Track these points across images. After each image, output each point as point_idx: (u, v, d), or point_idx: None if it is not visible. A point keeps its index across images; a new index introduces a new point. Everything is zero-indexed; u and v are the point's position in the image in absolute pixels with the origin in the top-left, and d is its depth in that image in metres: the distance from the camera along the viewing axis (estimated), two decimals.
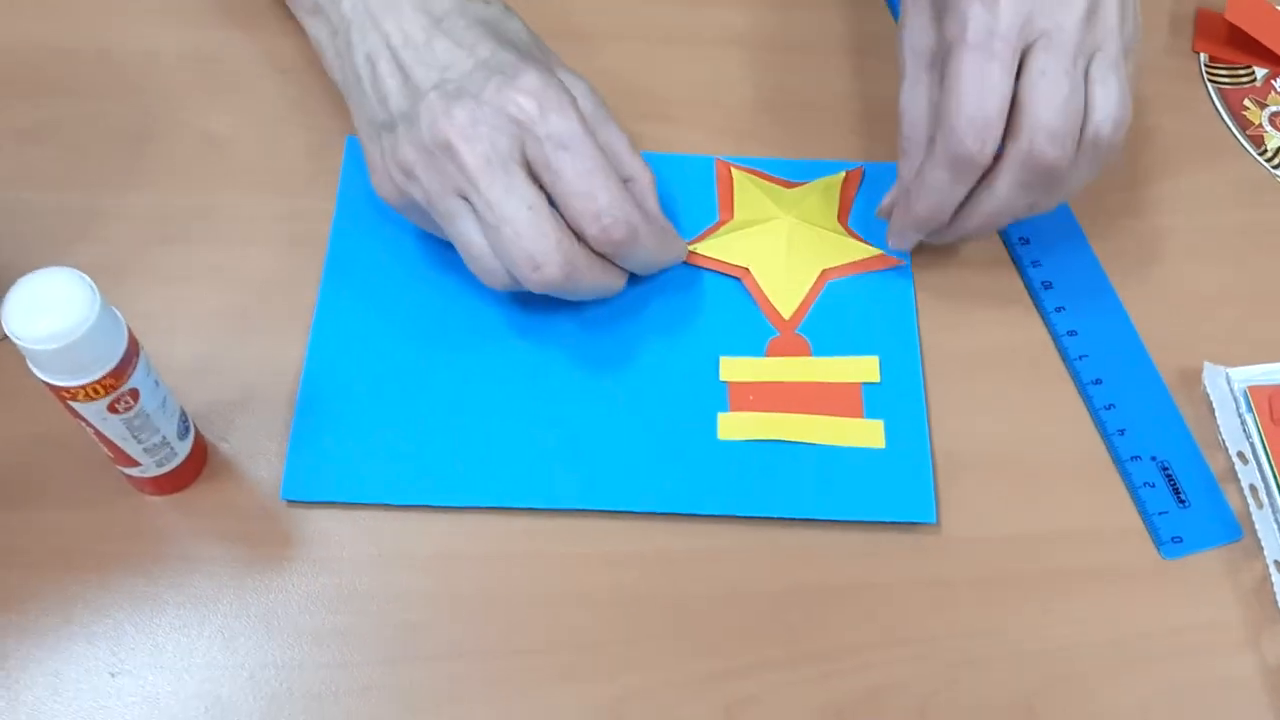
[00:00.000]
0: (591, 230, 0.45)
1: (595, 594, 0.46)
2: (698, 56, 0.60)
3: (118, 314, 0.39)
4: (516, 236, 0.45)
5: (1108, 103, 0.46)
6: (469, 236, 0.46)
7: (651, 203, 0.49)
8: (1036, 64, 0.45)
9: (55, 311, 0.37)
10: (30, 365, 0.39)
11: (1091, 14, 0.46)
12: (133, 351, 0.40)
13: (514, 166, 0.45)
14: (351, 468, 0.47)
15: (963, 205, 0.49)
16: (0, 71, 0.56)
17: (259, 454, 0.48)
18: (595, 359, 0.50)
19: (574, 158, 0.44)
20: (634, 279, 0.50)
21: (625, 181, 0.48)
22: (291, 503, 0.47)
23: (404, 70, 0.47)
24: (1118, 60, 0.46)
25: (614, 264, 0.48)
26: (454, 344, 0.50)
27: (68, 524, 0.46)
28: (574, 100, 0.46)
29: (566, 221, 0.45)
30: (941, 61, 0.48)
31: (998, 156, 0.47)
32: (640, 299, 0.52)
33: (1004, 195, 0.48)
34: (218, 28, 0.58)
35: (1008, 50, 0.45)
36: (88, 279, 0.38)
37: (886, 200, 0.53)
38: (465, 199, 0.46)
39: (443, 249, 0.51)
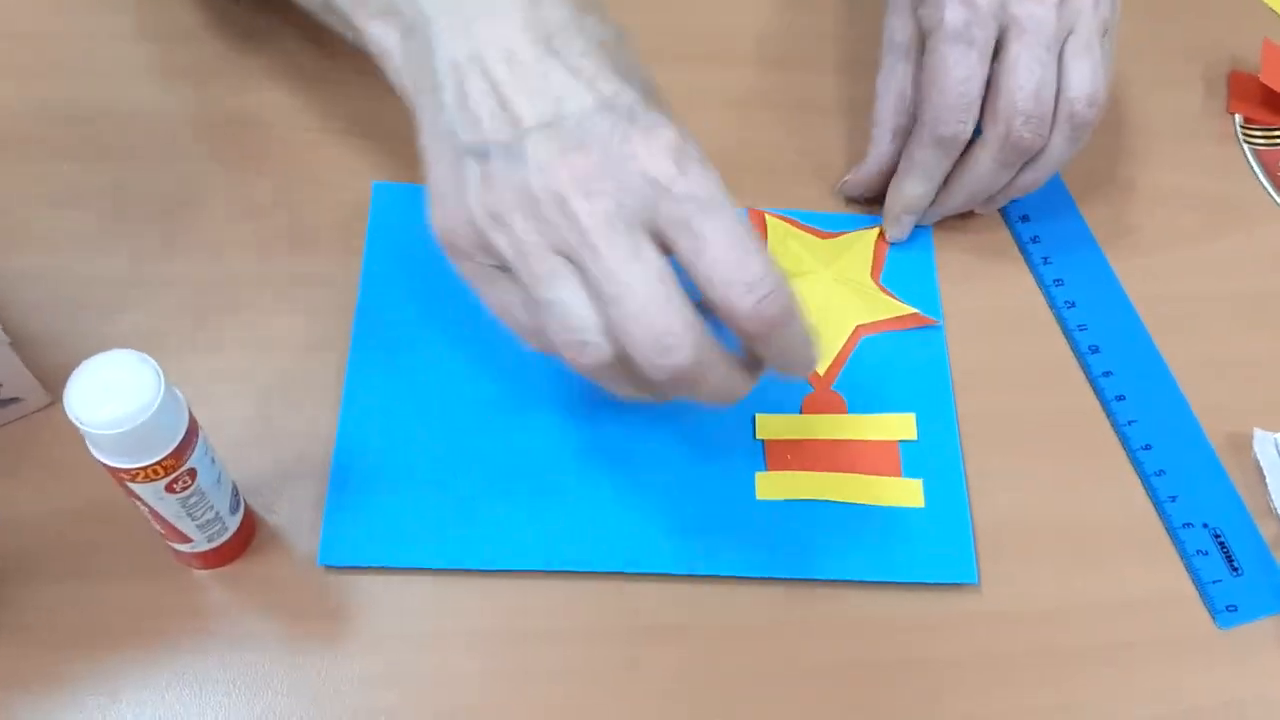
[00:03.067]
0: (744, 304, 0.38)
1: (642, 668, 0.46)
2: (726, 116, 0.60)
3: (179, 394, 0.39)
4: (642, 312, 0.37)
5: (1081, 81, 0.50)
6: (568, 305, 0.38)
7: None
8: (1011, 50, 0.49)
9: (120, 396, 0.36)
10: (90, 447, 0.38)
11: (1063, 0, 0.49)
12: (192, 432, 0.39)
13: (639, 233, 0.38)
14: (388, 532, 0.47)
15: (946, 184, 0.54)
16: (35, 135, 0.55)
17: (304, 523, 0.47)
18: (631, 419, 0.50)
19: (721, 222, 0.38)
20: None
21: None
22: (331, 569, 0.46)
23: (500, 94, 0.39)
24: (1091, 40, 0.50)
25: (746, 362, 0.42)
26: (486, 404, 0.50)
27: (114, 598, 0.45)
28: (711, 165, 0.40)
29: (706, 295, 0.38)
30: (919, 51, 0.52)
31: (980, 138, 0.51)
32: None
33: (983, 173, 0.52)
34: (251, 90, 0.58)
35: (983, 37, 0.49)
36: (152, 361, 0.37)
37: (849, 176, 0.56)
38: (570, 260, 0.39)
39: (474, 304, 0.51)
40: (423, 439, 0.49)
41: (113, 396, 0.36)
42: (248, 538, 0.46)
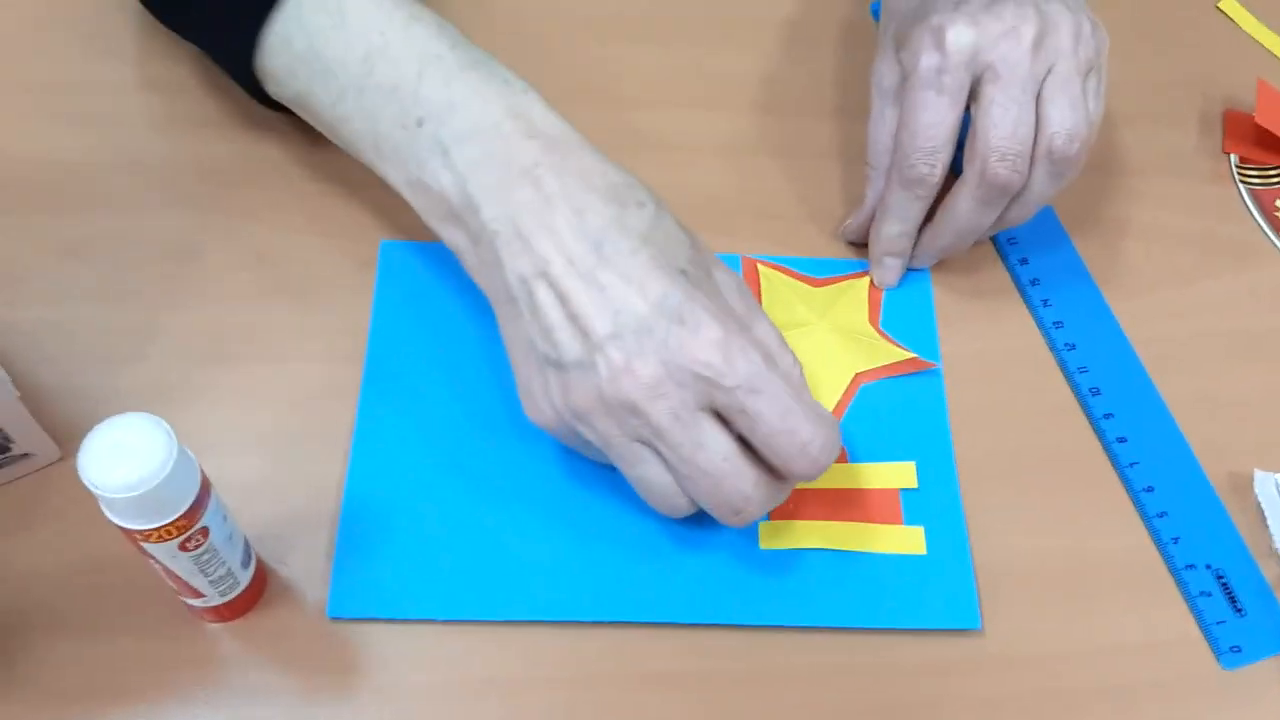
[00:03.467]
0: (800, 466, 0.44)
1: (649, 716, 0.46)
2: (722, 162, 0.61)
3: (191, 455, 0.39)
4: (715, 489, 0.44)
5: (1060, 118, 0.51)
6: (654, 479, 0.45)
7: (808, 395, 0.47)
8: (985, 94, 0.51)
9: (132, 460, 0.37)
10: (104, 509, 0.38)
11: (1039, 43, 0.50)
12: (205, 491, 0.40)
13: (703, 419, 0.44)
14: (397, 583, 0.47)
15: (929, 224, 0.55)
16: (39, 186, 0.56)
17: (314, 574, 0.48)
18: None
19: (769, 400, 0.43)
20: None
21: None
22: (341, 620, 0.47)
23: (569, 309, 0.44)
24: (1070, 79, 0.51)
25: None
26: (494, 457, 0.50)
27: (126, 652, 0.46)
28: (754, 339, 0.45)
29: (766, 459, 0.45)
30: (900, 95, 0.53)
31: (960, 178, 0.53)
32: None
33: (965, 212, 0.53)
34: (256, 143, 0.58)
35: (954, 84, 0.51)
36: (164, 424, 0.38)
37: (850, 220, 0.58)
38: (649, 445, 0.45)
39: (482, 359, 0.52)
40: (431, 490, 0.49)
41: (126, 460, 0.37)
42: (259, 590, 0.47)
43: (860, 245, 0.58)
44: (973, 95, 0.52)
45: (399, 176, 0.49)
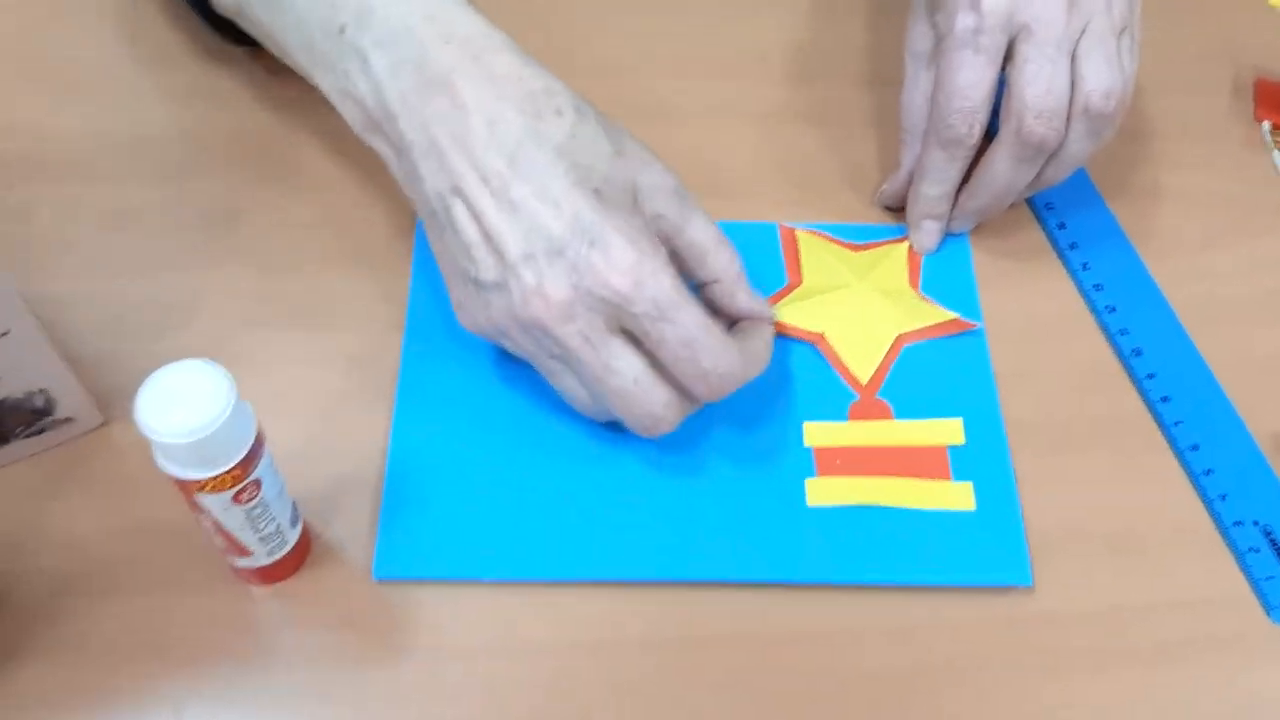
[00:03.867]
0: (700, 390, 0.46)
1: (700, 677, 0.46)
2: (756, 130, 0.61)
3: (247, 404, 0.39)
4: (626, 408, 0.46)
5: (1096, 75, 0.50)
6: (574, 392, 0.47)
7: (743, 298, 0.49)
8: (1020, 53, 0.51)
9: (190, 405, 0.37)
10: (159, 458, 0.38)
11: (1073, 2, 0.51)
12: (259, 443, 0.39)
13: (612, 340, 0.45)
14: (442, 544, 0.47)
15: (965, 187, 0.55)
16: (78, 159, 0.56)
17: (358, 538, 0.48)
18: (683, 430, 0.49)
19: (674, 326, 0.44)
20: None
21: (711, 284, 0.49)
22: (386, 582, 0.47)
23: (485, 228, 0.44)
24: (1104, 36, 0.51)
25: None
26: (538, 416, 0.50)
27: (172, 613, 0.45)
28: (666, 261, 0.45)
29: (674, 378, 0.46)
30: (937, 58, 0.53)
31: (997, 138, 0.53)
32: None
33: (1002, 171, 0.53)
34: (289, 112, 0.58)
35: (991, 44, 0.51)
36: (222, 369, 0.37)
37: (886, 185, 0.58)
38: (565, 363, 0.46)
39: None
40: (475, 451, 0.49)
41: (183, 405, 0.37)
42: (304, 553, 0.47)
43: (898, 210, 0.58)
44: (1008, 55, 0.51)
45: (328, 85, 0.49)
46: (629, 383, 0.45)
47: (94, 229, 0.54)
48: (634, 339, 0.45)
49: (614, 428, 0.49)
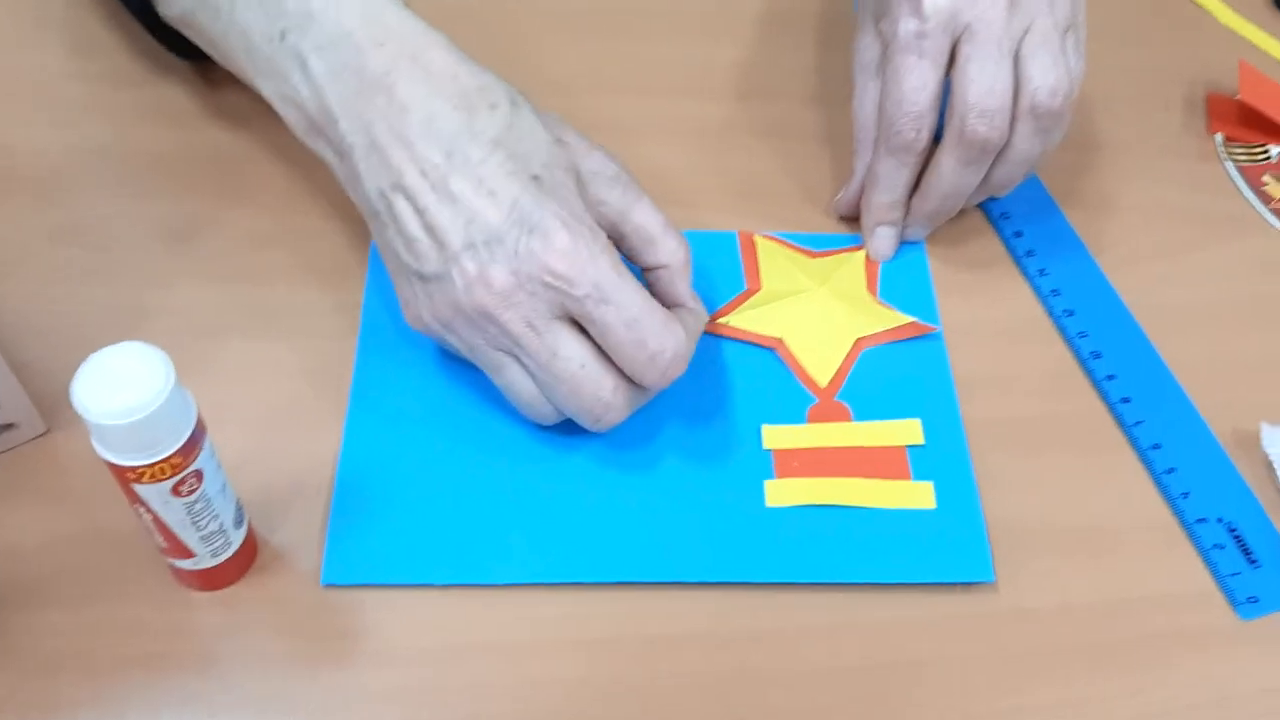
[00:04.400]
0: (650, 376, 0.45)
1: (658, 678, 0.45)
2: (708, 145, 0.61)
3: (187, 391, 0.38)
4: (574, 395, 0.45)
5: (1041, 73, 0.50)
6: (518, 386, 0.46)
7: (682, 286, 0.49)
8: (962, 53, 0.51)
9: (128, 386, 0.36)
10: (96, 444, 0.37)
11: (1015, 2, 0.51)
12: (200, 430, 0.39)
13: (558, 326, 0.44)
14: (392, 549, 0.46)
15: (917, 191, 0.55)
16: (28, 176, 0.56)
17: (306, 543, 0.47)
18: (638, 432, 0.50)
19: (616, 309, 0.44)
20: None
21: (658, 270, 0.48)
22: (332, 588, 0.45)
23: (427, 221, 0.44)
24: (1049, 35, 0.51)
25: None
26: (490, 419, 0.50)
27: (114, 622, 0.44)
28: (606, 245, 0.45)
29: (619, 366, 0.45)
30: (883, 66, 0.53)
31: (942, 140, 0.53)
32: None
33: (949, 173, 0.53)
34: (245, 128, 0.58)
35: (934, 47, 0.51)
36: (161, 352, 0.37)
37: (840, 195, 0.58)
38: (509, 353, 0.46)
39: None
40: (427, 455, 0.49)
41: (120, 387, 0.36)
42: (250, 557, 0.45)
43: (853, 220, 0.58)
44: (951, 58, 0.52)
45: (271, 91, 0.49)
46: (576, 366, 0.44)
47: (45, 242, 0.53)
48: (580, 327, 0.45)
49: (564, 429, 0.49)
